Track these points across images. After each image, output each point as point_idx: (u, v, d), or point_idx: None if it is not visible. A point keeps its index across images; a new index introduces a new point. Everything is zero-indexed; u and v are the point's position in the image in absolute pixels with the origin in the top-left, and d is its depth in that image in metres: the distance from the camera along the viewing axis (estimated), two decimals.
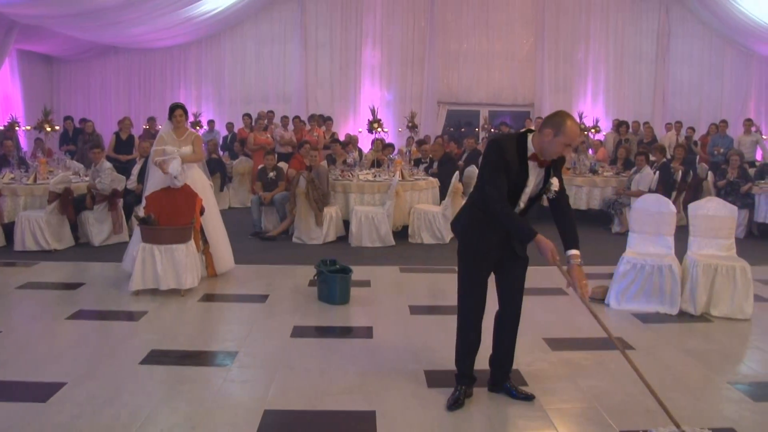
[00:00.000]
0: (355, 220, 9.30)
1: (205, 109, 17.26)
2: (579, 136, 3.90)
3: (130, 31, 15.31)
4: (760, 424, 4.00)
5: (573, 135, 3.80)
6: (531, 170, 3.91)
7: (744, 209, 10.31)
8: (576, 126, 3.85)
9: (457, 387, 4.22)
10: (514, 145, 3.90)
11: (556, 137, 3.78)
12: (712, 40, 18.30)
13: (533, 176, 3.93)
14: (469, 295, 4.14)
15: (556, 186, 3.97)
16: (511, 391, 4.28)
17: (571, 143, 3.83)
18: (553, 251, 3.80)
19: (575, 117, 13.87)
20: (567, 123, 3.78)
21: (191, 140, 7.27)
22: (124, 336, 5.40)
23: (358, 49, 18.03)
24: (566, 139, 3.78)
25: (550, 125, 3.81)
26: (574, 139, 3.82)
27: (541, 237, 3.81)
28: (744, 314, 6.10)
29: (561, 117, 3.83)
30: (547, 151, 3.84)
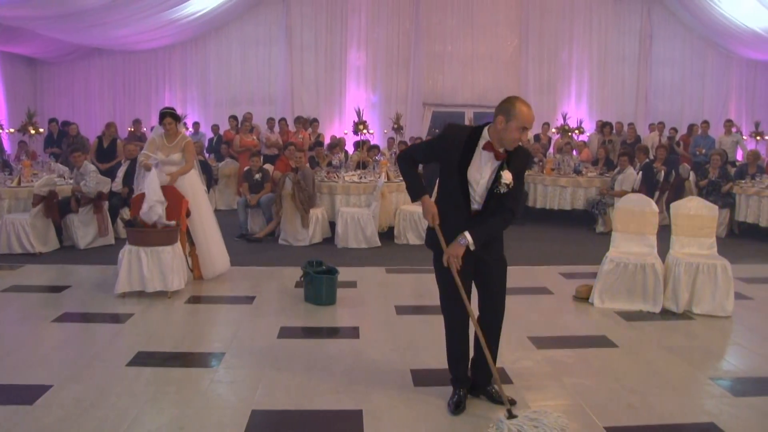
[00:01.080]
0: (341, 222, 9.33)
1: (190, 112, 17.16)
2: (532, 118, 3.78)
3: (114, 32, 15.23)
4: (739, 418, 4.07)
5: (525, 117, 3.74)
6: (484, 160, 3.85)
7: (725, 208, 10.44)
8: (527, 107, 3.78)
9: (456, 390, 4.18)
10: (466, 133, 3.89)
11: (509, 122, 3.74)
12: (693, 42, 18.47)
13: (488, 168, 3.85)
14: (448, 302, 4.11)
15: (507, 179, 3.82)
16: (492, 396, 4.21)
17: (525, 125, 3.77)
18: (434, 215, 3.89)
19: (561, 118, 13.98)
20: (516, 106, 3.74)
21: (182, 146, 7.21)
22: (110, 338, 5.40)
23: (344, 51, 18.04)
24: (518, 122, 3.73)
25: (501, 112, 3.78)
26: (527, 120, 3.76)
27: (425, 199, 3.91)
28: (725, 312, 6.18)
29: (510, 102, 3.79)
30: (505, 139, 3.78)
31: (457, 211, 3.91)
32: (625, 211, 6.71)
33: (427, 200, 3.91)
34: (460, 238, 3.83)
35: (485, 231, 3.88)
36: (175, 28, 16.20)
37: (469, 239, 3.82)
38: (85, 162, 9.20)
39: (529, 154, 4.04)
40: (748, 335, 5.80)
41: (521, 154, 3.93)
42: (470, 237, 3.82)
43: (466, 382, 4.21)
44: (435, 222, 3.90)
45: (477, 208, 3.92)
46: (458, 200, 3.90)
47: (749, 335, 5.80)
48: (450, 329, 4.17)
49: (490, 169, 3.85)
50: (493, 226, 3.90)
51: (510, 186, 3.83)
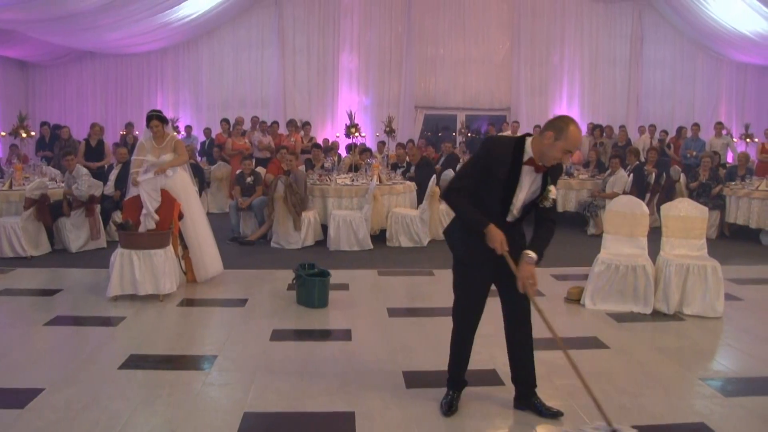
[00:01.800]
0: (333, 224, 9.33)
1: (182, 115, 17.19)
2: (580, 143, 3.76)
3: (106, 36, 15.22)
4: (728, 418, 4.10)
5: (574, 141, 3.66)
6: (525, 174, 3.77)
7: (715, 210, 10.49)
8: (578, 133, 3.70)
9: (449, 392, 4.18)
10: (510, 147, 3.77)
11: (557, 141, 3.65)
12: (683, 45, 18.58)
13: (527, 181, 3.79)
14: (462, 307, 4.05)
15: (554, 194, 3.82)
16: (539, 409, 4.09)
17: (572, 149, 3.69)
18: (502, 242, 3.72)
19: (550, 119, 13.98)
20: (570, 128, 3.65)
21: (172, 146, 7.20)
22: (102, 341, 5.39)
23: (336, 54, 18.07)
24: (566, 144, 3.65)
25: (552, 128, 3.69)
26: (574, 144, 3.68)
27: (492, 227, 3.73)
28: (715, 312, 6.21)
29: (564, 121, 3.70)
30: (546, 155, 3.70)
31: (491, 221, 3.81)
32: (616, 214, 6.74)
33: (494, 229, 3.73)
34: (526, 257, 3.78)
35: (542, 243, 3.86)
36: (168, 32, 16.20)
37: (534, 256, 3.79)
38: (77, 165, 9.18)
39: (561, 165, 3.92)
40: (739, 336, 5.83)
41: (557, 166, 3.86)
42: (533, 254, 3.79)
43: (461, 385, 4.21)
44: (505, 249, 3.74)
45: (510, 220, 3.87)
46: (494, 211, 3.82)
47: (739, 336, 5.83)
48: (460, 334, 4.11)
49: (529, 182, 3.80)
50: (547, 236, 3.89)
51: (555, 200, 3.86)
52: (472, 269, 3.96)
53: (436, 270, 8.10)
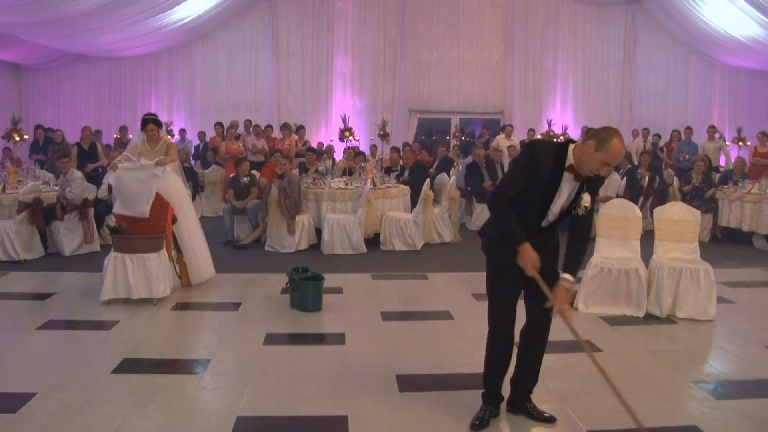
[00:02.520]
0: (327, 228, 9.33)
1: (176, 118, 17.19)
2: (621, 157, 3.64)
3: (100, 39, 15.22)
4: (721, 421, 4.11)
5: (615, 154, 3.55)
6: (565, 181, 3.70)
7: (708, 213, 10.52)
8: (621, 146, 3.57)
9: (483, 406, 4.05)
10: (552, 153, 3.70)
11: (597, 152, 3.55)
12: (676, 49, 18.67)
13: (567, 188, 3.72)
14: (496, 311, 3.94)
15: (587, 202, 3.71)
16: (532, 413, 4.05)
17: (611, 162, 3.59)
18: (534, 262, 3.62)
19: (546, 124, 14.09)
20: (613, 140, 3.53)
21: (165, 150, 7.21)
22: (95, 345, 5.38)
23: (330, 58, 18.09)
24: (606, 157, 3.54)
25: (595, 138, 3.59)
26: (615, 158, 3.58)
27: (527, 246, 3.63)
28: (708, 315, 6.23)
29: (608, 133, 3.58)
30: (584, 164, 3.61)
31: (525, 226, 3.71)
32: (609, 217, 6.76)
33: (528, 248, 3.63)
34: (566, 284, 3.70)
35: (576, 263, 3.79)
36: (162, 35, 16.21)
37: (571, 279, 3.73)
38: (72, 168, 9.16)
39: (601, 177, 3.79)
40: (731, 339, 5.84)
41: (596, 178, 3.74)
42: (570, 277, 3.73)
43: (496, 400, 4.08)
44: (534, 270, 3.65)
45: (545, 225, 3.82)
46: (530, 216, 3.75)
47: (732, 339, 5.84)
48: (494, 341, 4.00)
49: (568, 189, 3.72)
50: (580, 254, 3.81)
51: (588, 208, 3.74)
52: (506, 273, 3.85)
53: (429, 274, 8.11)
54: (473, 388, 4.51)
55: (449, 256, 9.27)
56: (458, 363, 5.06)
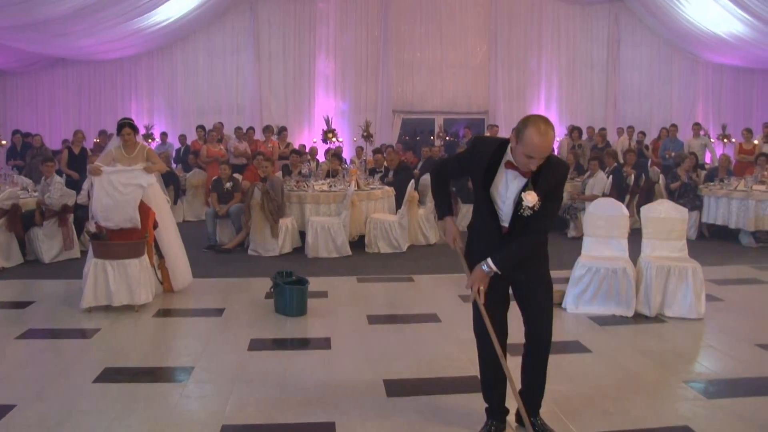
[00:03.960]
0: (311, 231, 9.24)
1: (157, 122, 16.98)
2: (541, 147, 3.30)
3: (78, 42, 15.03)
4: (712, 420, 4.08)
5: (531, 146, 3.30)
6: (510, 178, 3.50)
7: (694, 211, 10.53)
8: (539, 137, 3.28)
9: (487, 421, 3.89)
10: (493, 147, 3.54)
11: (518, 145, 3.37)
12: (660, 47, 18.73)
13: (514, 186, 3.49)
14: (478, 319, 3.76)
15: (530, 202, 3.43)
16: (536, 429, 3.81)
17: (532, 155, 3.33)
18: (455, 237, 3.73)
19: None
20: (527, 131, 3.30)
21: (143, 156, 7.03)
22: (76, 354, 5.27)
23: (312, 59, 17.97)
24: (525, 149, 3.32)
25: (515, 130, 3.40)
26: (533, 150, 3.31)
27: (448, 220, 3.75)
28: (697, 314, 6.20)
29: (525, 123, 3.36)
30: (516, 159, 3.44)
31: (489, 230, 3.61)
32: (595, 216, 6.71)
33: (449, 222, 3.69)
34: (483, 264, 3.55)
35: (508, 256, 3.53)
36: (141, 38, 16.03)
37: (492, 266, 3.53)
38: (53, 173, 9.01)
39: (564, 167, 3.58)
40: (720, 337, 5.83)
41: (554, 167, 3.49)
42: (492, 263, 3.53)
43: (499, 415, 3.90)
44: (456, 245, 3.67)
45: (506, 227, 3.59)
46: (487, 218, 3.60)
47: (721, 337, 5.83)
48: (479, 354, 3.89)
49: (516, 187, 3.49)
50: (518, 249, 3.54)
51: (535, 208, 3.45)
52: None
53: (415, 276, 8.06)
54: (462, 392, 4.50)
55: (435, 258, 9.21)
56: (446, 367, 5.00)
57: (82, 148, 11.91)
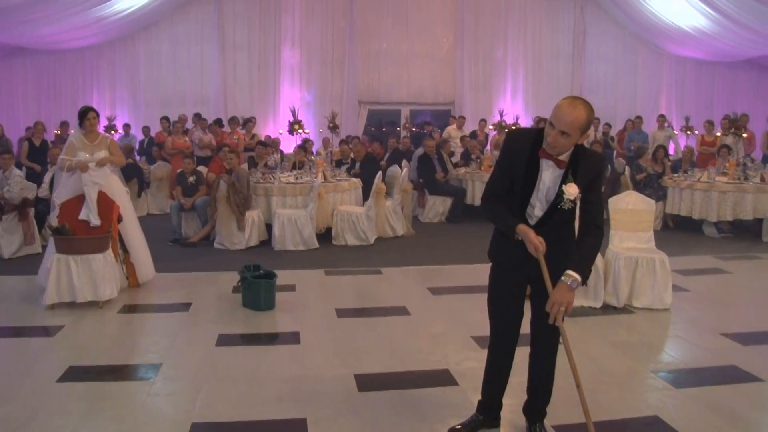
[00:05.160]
0: (277, 224, 9.15)
1: (119, 113, 16.67)
2: (564, 114, 3.18)
3: (38, 31, 14.62)
4: (681, 409, 4.14)
5: (557, 113, 3.20)
6: (545, 169, 3.34)
7: (659, 201, 10.65)
8: (565, 102, 3.23)
9: (475, 414, 3.84)
10: (530, 138, 3.38)
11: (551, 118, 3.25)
12: (625, 39, 18.91)
13: (548, 176, 3.34)
14: (493, 316, 3.68)
15: (570, 195, 3.28)
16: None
17: (555, 123, 3.20)
18: (535, 242, 3.27)
19: (498, 114, 14.02)
20: (559, 102, 3.25)
21: (106, 145, 6.91)
22: (39, 353, 5.15)
23: (277, 50, 17.78)
24: (550, 116, 3.23)
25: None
26: (557, 117, 3.20)
27: (523, 227, 3.32)
28: (664, 304, 6.28)
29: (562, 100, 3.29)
30: (546, 140, 3.29)
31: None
32: None
33: (525, 229, 3.31)
34: (569, 280, 3.24)
35: (586, 260, 3.33)
36: (103, 27, 15.68)
37: (577, 277, 3.25)
38: (12, 166, 8.78)
39: (601, 160, 3.43)
40: (687, 327, 5.91)
41: (590, 158, 3.37)
42: (577, 275, 3.25)
43: (488, 412, 3.84)
44: (541, 252, 3.29)
45: (537, 223, 3.40)
46: (518, 212, 3.42)
47: (688, 327, 5.91)
48: (490, 346, 3.78)
49: (550, 178, 3.34)
50: (590, 250, 3.36)
51: (576, 200, 3.31)
52: (501, 273, 3.60)
53: (384, 268, 8.02)
54: (434, 386, 4.49)
55: (403, 250, 9.19)
56: (417, 360, 4.99)
57: (43, 140, 11.64)
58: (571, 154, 3.34)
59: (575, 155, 3.34)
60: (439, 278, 7.55)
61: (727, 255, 8.86)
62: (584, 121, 3.22)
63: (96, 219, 6.52)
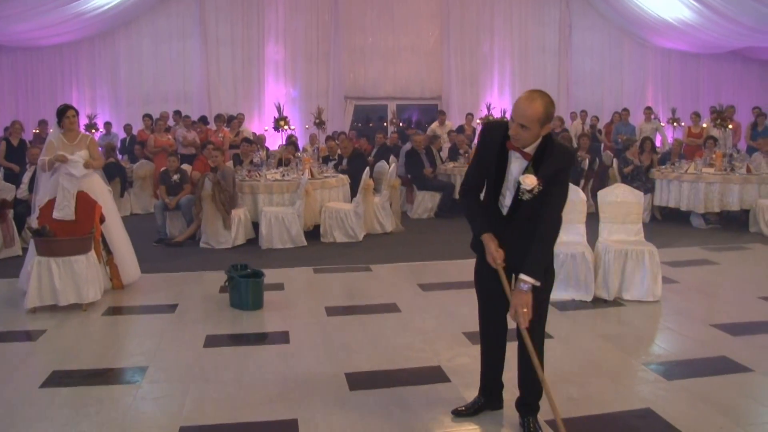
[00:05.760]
0: (264, 222, 9.06)
1: (100, 111, 16.46)
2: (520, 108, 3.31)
3: (13, 27, 14.37)
4: (673, 401, 4.12)
5: (516, 108, 3.33)
6: (512, 160, 3.44)
7: (647, 194, 10.65)
8: (523, 97, 3.34)
9: (477, 397, 3.96)
10: (502, 131, 3.45)
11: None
12: (611, 31, 18.97)
13: (515, 168, 3.44)
14: (480, 303, 3.80)
15: (526, 186, 3.35)
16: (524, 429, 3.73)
17: (513, 115, 3.34)
18: (493, 253, 3.44)
19: (485, 108, 13.95)
20: (519, 96, 3.36)
21: (86, 144, 6.78)
22: (21, 358, 5.03)
23: (261, 45, 17.65)
24: (512, 112, 3.37)
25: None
26: (516, 113, 3.31)
27: (487, 236, 3.48)
28: (654, 296, 6.26)
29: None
30: (511, 134, 3.39)
31: (492, 216, 3.55)
32: None
33: (486, 239, 3.48)
34: (521, 284, 3.37)
35: (538, 257, 3.41)
36: (81, 23, 15.44)
37: (529, 280, 3.36)
38: None
39: (568, 153, 3.50)
40: (677, 318, 5.90)
41: (556, 152, 3.42)
42: (527, 277, 3.36)
43: (489, 394, 3.93)
44: (498, 264, 3.46)
45: (507, 213, 3.51)
46: (492, 204, 3.55)
47: (678, 318, 5.90)
48: (480, 334, 3.87)
49: (516, 169, 3.44)
50: (543, 246, 3.44)
51: (534, 192, 3.37)
52: (482, 264, 3.64)
53: (373, 265, 7.96)
54: (425, 383, 4.44)
55: (392, 247, 9.14)
56: (408, 357, 4.93)
57: (21, 140, 11.46)
58: (538, 146, 3.41)
59: (542, 148, 3.41)
60: (429, 274, 7.49)
61: (715, 246, 8.88)
62: (542, 113, 3.31)
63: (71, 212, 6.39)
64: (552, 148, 3.41)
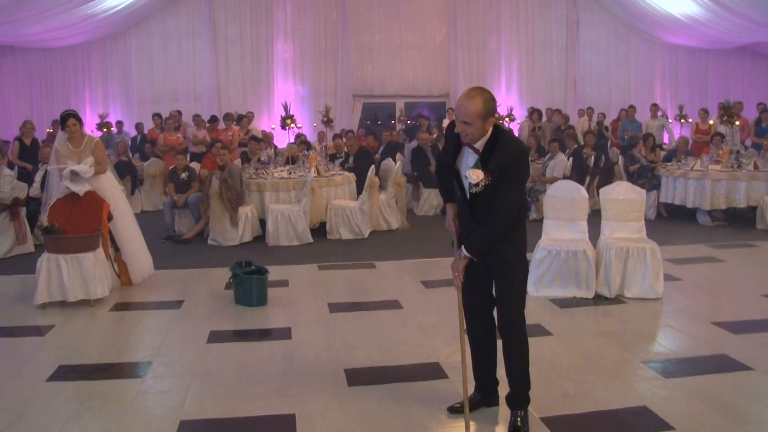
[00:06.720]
0: (271, 219, 9.13)
1: (112, 110, 16.61)
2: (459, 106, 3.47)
3: (26, 29, 14.52)
4: (669, 399, 4.14)
5: (456, 105, 3.52)
6: (466, 156, 3.60)
7: (653, 191, 10.64)
8: (463, 99, 3.46)
9: (473, 393, 4.00)
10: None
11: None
12: (618, 28, 18.88)
13: (469, 162, 3.57)
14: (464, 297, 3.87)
15: (471, 179, 3.48)
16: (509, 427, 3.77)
17: (456, 115, 3.50)
18: (449, 222, 3.82)
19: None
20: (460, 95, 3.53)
21: (91, 148, 6.80)
22: (30, 352, 5.13)
23: (270, 44, 17.72)
24: (455, 111, 3.54)
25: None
26: (457, 110, 3.50)
27: (447, 206, 3.84)
28: (655, 294, 6.27)
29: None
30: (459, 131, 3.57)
31: (462, 208, 3.74)
32: (555, 198, 6.73)
33: (448, 207, 3.84)
34: (458, 251, 3.69)
35: (476, 240, 3.60)
36: (93, 24, 15.59)
37: (464, 252, 3.64)
38: (2, 166, 8.75)
39: (514, 147, 3.52)
40: (678, 316, 5.89)
41: (503, 146, 3.50)
42: (464, 249, 3.64)
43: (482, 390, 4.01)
44: (451, 228, 3.82)
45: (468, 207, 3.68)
46: (460, 197, 3.72)
47: (679, 316, 5.89)
48: (467, 329, 3.93)
49: (469, 164, 3.57)
50: (484, 233, 3.57)
51: (480, 185, 3.49)
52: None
53: (377, 262, 8.01)
54: (424, 379, 4.48)
55: (397, 244, 9.18)
56: (408, 354, 4.98)
57: (33, 139, 11.60)
58: (487, 141, 3.54)
59: (492, 142, 3.53)
60: (433, 271, 7.52)
61: (721, 243, 8.84)
62: (481, 109, 3.44)
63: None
64: (500, 144, 3.51)
